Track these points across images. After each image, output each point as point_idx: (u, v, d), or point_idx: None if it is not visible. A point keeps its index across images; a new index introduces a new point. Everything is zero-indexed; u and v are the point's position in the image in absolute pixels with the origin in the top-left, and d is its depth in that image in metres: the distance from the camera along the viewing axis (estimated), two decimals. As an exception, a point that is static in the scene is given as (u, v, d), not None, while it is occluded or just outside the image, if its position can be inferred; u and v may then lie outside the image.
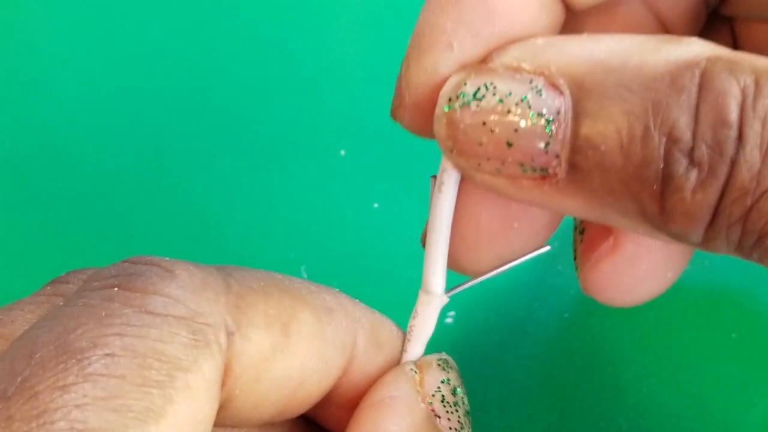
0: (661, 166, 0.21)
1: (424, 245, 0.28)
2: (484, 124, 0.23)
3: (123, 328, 0.20)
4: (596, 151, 0.22)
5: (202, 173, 0.53)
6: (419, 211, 0.53)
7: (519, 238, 0.28)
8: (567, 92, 0.22)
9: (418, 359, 0.27)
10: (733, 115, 0.20)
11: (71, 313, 0.21)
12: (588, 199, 0.23)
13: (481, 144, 0.23)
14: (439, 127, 0.24)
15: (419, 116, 0.26)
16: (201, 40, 0.59)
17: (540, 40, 0.23)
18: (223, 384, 0.22)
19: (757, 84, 0.20)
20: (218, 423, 0.23)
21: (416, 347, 0.27)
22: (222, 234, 0.51)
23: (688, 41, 0.22)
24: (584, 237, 0.29)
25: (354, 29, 0.60)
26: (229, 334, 0.22)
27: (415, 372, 0.26)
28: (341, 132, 0.55)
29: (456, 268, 0.29)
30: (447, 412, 0.25)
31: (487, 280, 0.28)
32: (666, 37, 0.22)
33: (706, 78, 0.21)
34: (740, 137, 0.20)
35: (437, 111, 0.24)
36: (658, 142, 0.21)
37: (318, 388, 0.25)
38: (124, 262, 0.23)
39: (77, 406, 0.19)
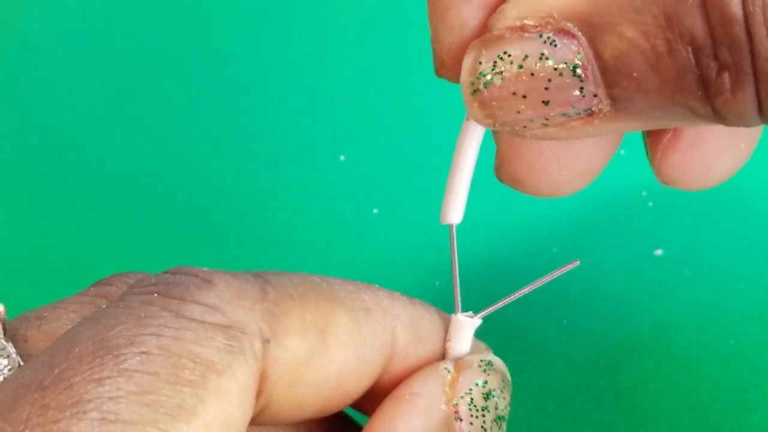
0: (697, 72, 0.21)
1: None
2: (514, 93, 0.23)
3: (160, 329, 0.21)
4: (630, 79, 0.22)
5: (201, 178, 0.53)
6: (419, 216, 0.53)
7: (586, 148, 0.27)
8: (579, 33, 0.22)
9: (461, 358, 0.27)
10: (737, 9, 0.20)
11: (111, 313, 0.22)
12: (641, 119, 0.23)
13: (519, 112, 0.23)
14: (473, 110, 0.24)
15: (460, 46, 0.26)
16: (201, 47, 0.59)
17: None
18: (261, 391, 0.23)
19: None
20: (256, 423, 0.24)
21: (459, 349, 0.27)
22: (222, 239, 0.51)
23: None
24: (649, 132, 0.29)
25: (353, 35, 0.60)
26: (265, 342, 0.23)
27: (448, 371, 0.26)
28: (341, 137, 0.55)
29: (532, 192, 0.28)
30: (471, 416, 0.25)
31: (485, 282, 0.29)
32: None
33: None
34: (748, 31, 0.20)
35: (465, 97, 0.24)
36: (686, 52, 0.21)
37: (356, 387, 0.25)
38: (165, 272, 0.24)
39: (110, 398, 0.19)
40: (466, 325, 0.28)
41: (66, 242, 0.51)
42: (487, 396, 0.26)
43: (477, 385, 0.26)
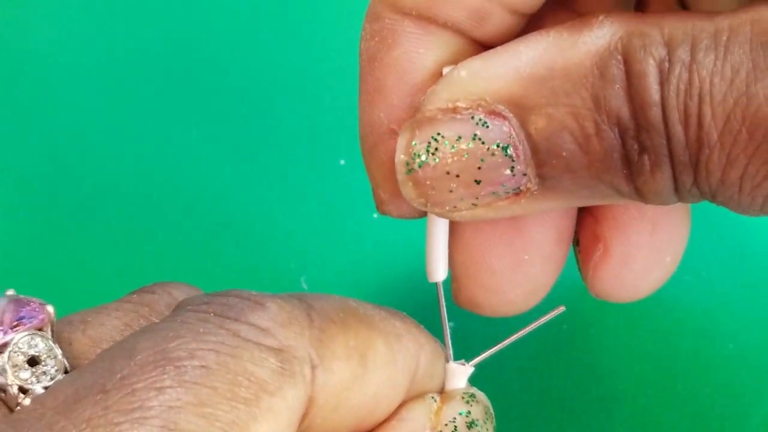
0: (622, 152, 0.22)
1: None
2: (447, 173, 0.24)
3: (218, 345, 0.22)
4: (560, 158, 0.22)
5: (201, 182, 0.53)
6: (418, 221, 0.53)
7: (534, 267, 0.29)
8: (510, 115, 0.22)
9: (447, 390, 0.29)
10: (655, 95, 0.21)
11: (170, 326, 0.22)
12: (566, 198, 0.24)
13: (451, 191, 0.24)
14: (407, 191, 0.25)
15: (404, 203, 0.27)
16: (201, 51, 0.59)
17: (462, 71, 0.23)
18: (306, 414, 0.23)
19: (670, 55, 0.21)
20: None
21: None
22: (222, 244, 0.51)
23: (598, 24, 0.22)
24: (579, 248, 0.30)
25: (354, 38, 0.60)
26: (314, 367, 0.23)
27: (435, 400, 0.27)
28: (341, 141, 0.55)
29: (489, 313, 0.30)
30: None
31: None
32: (575, 24, 0.22)
33: (627, 62, 0.21)
34: (664, 114, 0.21)
35: (399, 177, 0.25)
36: (612, 133, 0.22)
37: (386, 411, 0.26)
38: (216, 293, 0.25)
39: (171, 408, 0.20)
40: (459, 373, 0.29)
41: (68, 247, 0.52)
42: (470, 425, 0.27)
43: (461, 414, 0.27)
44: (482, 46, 0.25)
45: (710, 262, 0.48)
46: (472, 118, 0.23)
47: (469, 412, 0.27)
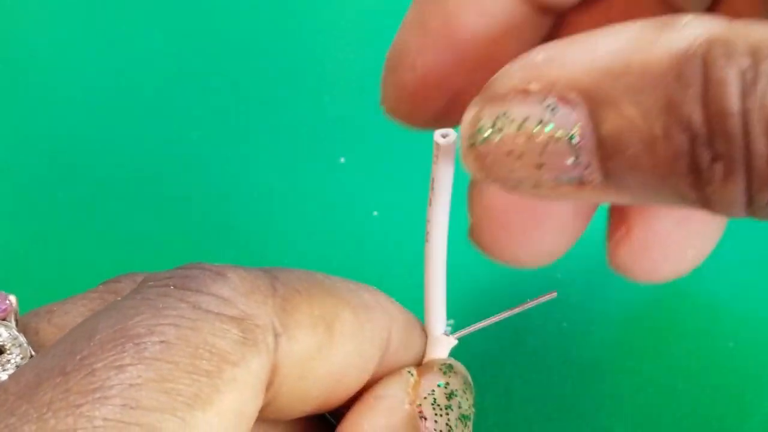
0: (690, 159, 0.21)
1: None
2: (510, 152, 0.23)
3: (178, 319, 0.22)
4: (625, 156, 0.22)
5: (201, 180, 0.53)
6: (419, 219, 0.53)
7: (549, 234, 0.28)
8: (581, 104, 0.22)
9: (424, 363, 0.28)
10: (735, 106, 0.20)
11: (129, 304, 0.22)
12: (629, 195, 0.23)
13: (512, 171, 0.24)
14: (469, 163, 0.25)
15: (405, 115, 0.28)
16: (201, 49, 0.59)
17: (539, 55, 0.23)
18: (271, 383, 0.23)
19: (755, 64, 0.20)
20: (261, 418, 0.24)
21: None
22: (222, 241, 0.51)
23: (682, 23, 0.22)
24: (608, 221, 0.30)
25: (354, 36, 0.60)
26: (277, 336, 0.23)
27: (412, 375, 0.27)
28: (341, 139, 0.55)
29: (498, 259, 0.29)
30: (435, 414, 0.26)
31: (484, 286, 0.29)
32: (659, 22, 0.22)
33: (707, 67, 0.21)
34: (745, 126, 0.20)
35: (462, 149, 0.25)
36: (681, 138, 0.21)
37: (356, 382, 0.26)
38: (178, 268, 0.24)
39: (131, 385, 0.20)
40: (442, 344, 0.28)
41: (66, 245, 0.52)
42: (449, 396, 0.26)
43: (439, 386, 0.27)
44: (544, 16, 0.25)
45: (710, 260, 0.48)
46: (543, 101, 0.23)
47: (448, 383, 0.27)
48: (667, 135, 0.21)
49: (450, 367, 0.28)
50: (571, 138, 0.22)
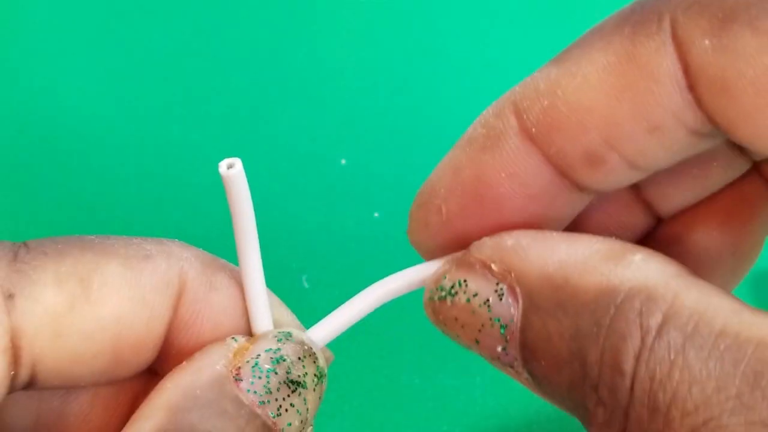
0: (580, 394, 0.22)
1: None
2: (456, 319, 0.25)
3: None
4: (539, 364, 0.23)
5: (202, 181, 0.54)
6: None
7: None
8: (520, 301, 0.23)
9: (259, 332, 0.27)
10: (627, 366, 0.20)
11: None
12: (550, 400, 0.24)
13: (457, 336, 0.25)
14: (428, 313, 0.26)
15: (425, 250, 0.28)
16: (203, 50, 0.59)
17: (510, 240, 0.24)
18: (19, 346, 0.23)
19: (660, 330, 0.20)
20: (45, 385, 0.24)
21: (262, 325, 0.27)
22: (223, 243, 0.51)
23: (629, 260, 0.22)
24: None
25: (355, 39, 0.60)
26: (9, 297, 0.23)
27: (236, 340, 0.26)
28: (342, 141, 0.55)
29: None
30: (253, 375, 0.25)
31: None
32: (615, 250, 0.22)
33: (617, 315, 0.21)
34: (632, 389, 0.20)
35: (424, 297, 0.26)
36: (578, 371, 0.22)
37: (148, 332, 0.25)
38: None
39: None
40: (261, 315, 0.27)
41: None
42: (276, 360, 0.26)
43: (266, 351, 0.26)
44: (581, 192, 0.25)
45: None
46: (497, 284, 0.24)
47: (279, 349, 0.26)
48: (570, 362, 0.22)
49: (288, 334, 0.27)
50: (503, 328, 0.23)
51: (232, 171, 0.25)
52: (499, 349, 0.24)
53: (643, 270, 0.22)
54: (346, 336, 0.29)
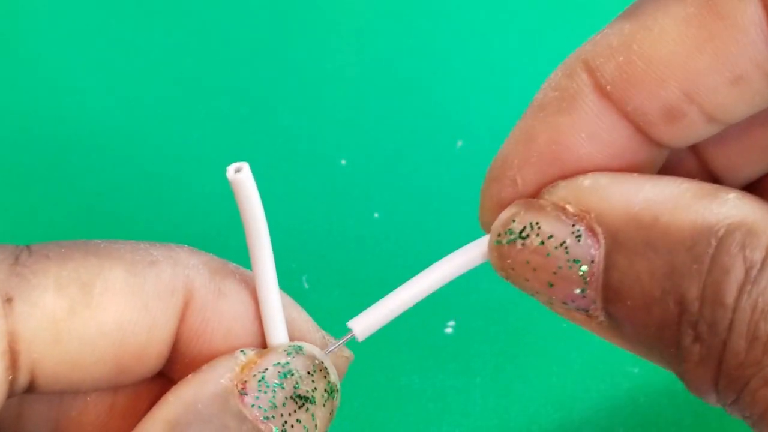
0: (675, 332, 0.22)
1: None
2: (527, 262, 0.24)
3: None
4: (624, 305, 0.22)
5: (201, 182, 0.54)
6: (419, 220, 0.53)
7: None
8: (602, 242, 0.23)
9: (269, 346, 0.27)
10: (730, 298, 0.20)
11: None
12: (628, 343, 0.24)
13: (527, 280, 0.24)
14: (492, 258, 0.25)
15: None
16: (203, 50, 0.60)
17: (586, 180, 0.24)
18: (16, 351, 0.23)
19: (764, 262, 0.20)
20: (46, 390, 0.24)
21: (276, 336, 0.27)
22: (223, 243, 0.51)
23: (723, 198, 0.22)
24: None
25: (355, 39, 0.60)
26: (7, 301, 0.23)
27: (244, 353, 0.26)
28: (342, 142, 0.55)
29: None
30: (259, 390, 0.25)
31: (486, 287, 0.28)
32: (705, 189, 0.22)
33: (719, 249, 0.21)
34: (732, 322, 0.20)
35: (489, 241, 0.25)
36: (672, 309, 0.21)
37: (150, 339, 0.25)
38: None
39: None
40: (278, 326, 0.27)
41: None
42: (284, 375, 0.25)
43: (274, 365, 0.25)
44: (660, 149, 0.25)
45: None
46: (573, 225, 0.23)
47: (287, 363, 0.25)
48: (663, 301, 0.21)
49: (298, 348, 0.26)
50: (583, 270, 0.23)
51: (240, 175, 0.25)
52: (577, 291, 0.23)
53: (740, 207, 0.21)
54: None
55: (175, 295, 0.25)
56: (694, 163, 0.27)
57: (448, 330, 0.47)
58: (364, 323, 0.27)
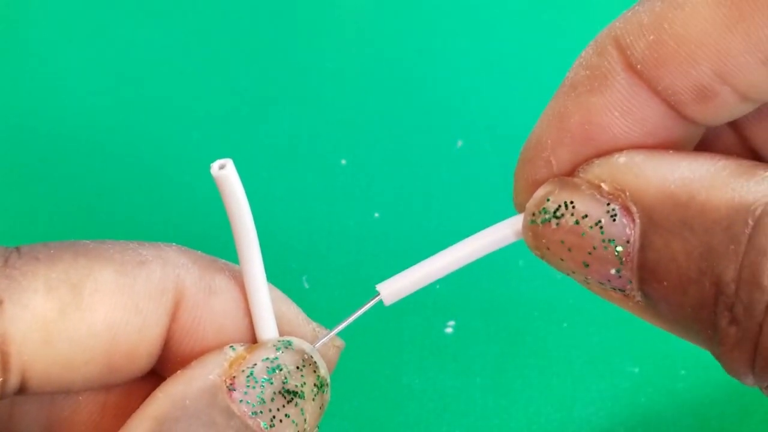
0: (711, 313, 0.21)
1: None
2: (562, 242, 0.24)
3: None
4: (660, 285, 0.22)
5: (201, 182, 0.54)
6: (419, 220, 0.53)
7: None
8: (638, 221, 0.22)
9: (259, 341, 0.27)
10: (767, 280, 0.20)
11: None
12: (664, 323, 0.23)
13: (562, 260, 0.24)
14: (527, 238, 0.25)
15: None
16: (204, 50, 0.60)
17: (621, 158, 0.23)
18: (6, 352, 0.23)
19: None
20: (37, 391, 0.24)
21: (266, 331, 0.27)
22: (223, 243, 0.51)
23: (761, 176, 0.21)
24: None
25: (355, 39, 0.60)
26: None
27: (233, 349, 0.26)
28: (342, 141, 0.55)
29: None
30: (247, 385, 0.25)
31: (486, 286, 0.28)
32: (743, 167, 0.22)
33: (756, 230, 0.20)
34: None
35: (524, 221, 0.25)
36: (709, 290, 0.21)
37: (141, 339, 0.25)
38: None
39: None
40: (266, 321, 0.27)
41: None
42: (272, 370, 0.25)
43: (263, 360, 0.25)
44: (695, 126, 0.24)
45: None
46: (608, 204, 0.23)
47: (276, 358, 0.25)
48: (699, 281, 0.21)
49: (287, 343, 0.26)
50: (618, 249, 0.23)
51: (223, 171, 0.25)
52: (613, 271, 0.23)
53: None
54: (346, 336, 0.29)
55: (166, 294, 0.25)
56: (733, 138, 0.27)
57: (448, 330, 0.47)
58: (392, 288, 0.27)
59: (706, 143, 0.26)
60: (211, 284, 0.27)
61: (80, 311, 0.24)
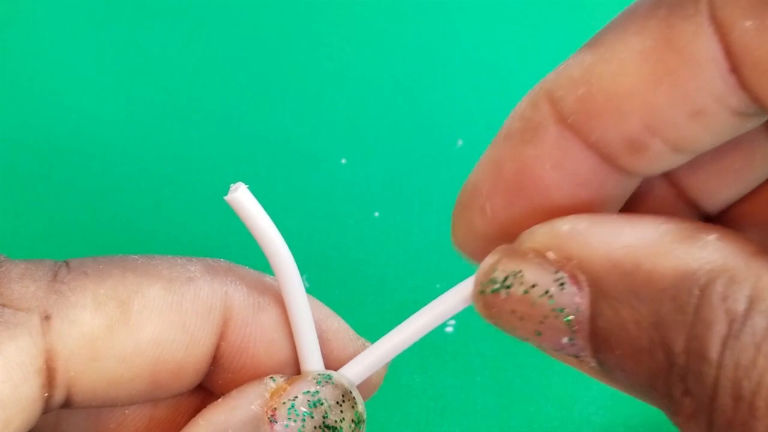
0: (665, 383, 0.21)
1: None
2: (513, 312, 0.24)
3: None
4: (613, 354, 0.22)
5: (202, 181, 0.54)
6: (420, 220, 0.53)
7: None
8: (587, 289, 0.22)
9: (302, 372, 0.27)
10: (714, 353, 0.20)
11: None
12: (622, 389, 0.23)
13: (514, 329, 0.24)
14: (478, 307, 0.25)
15: (472, 253, 0.27)
16: (203, 50, 0.60)
17: (565, 226, 0.23)
18: (53, 368, 0.23)
19: (746, 314, 0.20)
20: (81, 405, 0.24)
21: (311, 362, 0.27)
22: (223, 242, 0.51)
23: (704, 240, 0.21)
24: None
25: (355, 39, 0.60)
26: (45, 318, 0.23)
27: (274, 380, 0.26)
28: (342, 141, 0.55)
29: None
30: (288, 418, 0.25)
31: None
32: (687, 231, 0.22)
33: (701, 301, 0.20)
34: (717, 379, 0.20)
35: (474, 291, 0.25)
36: (662, 359, 0.21)
37: (188, 357, 0.25)
38: None
39: None
40: (312, 353, 0.27)
41: (69, 247, 0.52)
42: (313, 404, 0.25)
43: (304, 393, 0.25)
44: (629, 177, 0.24)
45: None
46: (555, 273, 0.23)
47: (317, 392, 0.25)
48: (652, 351, 0.21)
49: (328, 377, 0.26)
50: (568, 319, 0.23)
51: (235, 194, 0.25)
52: (565, 340, 0.23)
53: (721, 250, 0.21)
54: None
55: (213, 312, 0.26)
56: (669, 188, 0.27)
57: (449, 329, 0.47)
58: (352, 371, 0.27)
59: (642, 194, 0.26)
60: (260, 300, 0.27)
61: (128, 328, 0.24)
